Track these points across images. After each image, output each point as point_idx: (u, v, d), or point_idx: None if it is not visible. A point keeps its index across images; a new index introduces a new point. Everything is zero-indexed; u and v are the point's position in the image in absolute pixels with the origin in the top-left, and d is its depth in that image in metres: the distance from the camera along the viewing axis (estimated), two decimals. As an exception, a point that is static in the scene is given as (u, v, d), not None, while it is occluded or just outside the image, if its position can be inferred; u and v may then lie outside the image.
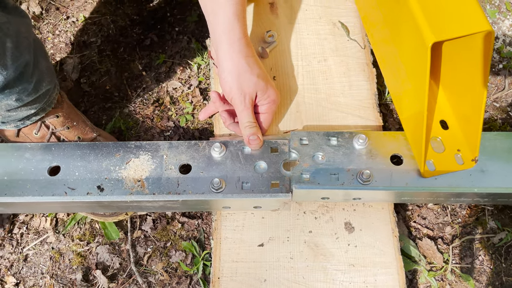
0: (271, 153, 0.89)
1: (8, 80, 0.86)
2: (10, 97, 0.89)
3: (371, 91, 1.04)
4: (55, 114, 1.01)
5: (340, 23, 1.11)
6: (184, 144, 0.91)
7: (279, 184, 0.85)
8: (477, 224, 1.01)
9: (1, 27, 0.83)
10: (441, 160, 0.83)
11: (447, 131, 0.87)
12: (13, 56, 0.85)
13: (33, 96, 0.93)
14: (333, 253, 0.91)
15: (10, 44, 0.85)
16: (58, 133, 1.02)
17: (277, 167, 0.87)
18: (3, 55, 0.84)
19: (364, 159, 0.87)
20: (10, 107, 0.92)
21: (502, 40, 1.19)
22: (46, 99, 0.98)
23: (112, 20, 1.28)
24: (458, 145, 0.84)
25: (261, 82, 0.89)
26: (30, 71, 0.90)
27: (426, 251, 0.99)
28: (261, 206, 0.90)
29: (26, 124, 0.99)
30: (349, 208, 0.94)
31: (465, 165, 0.83)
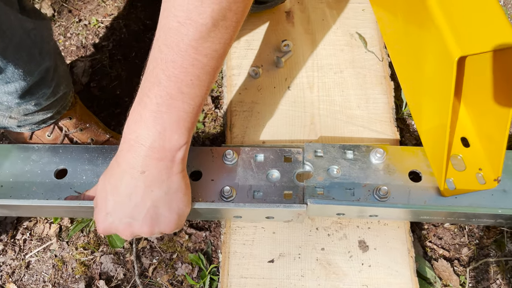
0: (284, 162, 0.86)
1: (30, 86, 0.84)
2: (30, 102, 0.88)
3: (388, 105, 1.01)
4: (68, 116, 1.00)
5: (358, 34, 1.09)
6: (195, 150, 0.88)
7: (292, 195, 0.82)
8: (496, 247, 0.97)
9: (29, 34, 0.81)
10: (462, 179, 0.80)
11: (468, 149, 0.83)
12: (37, 63, 0.84)
13: (51, 100, 0.91)
14: (346, 272, 0.87)
15: (36, 51, 0.83)
16: (71, 135, 1.00)
17: (291, 176, 0.84)
18: (29, 63, 0.82)
19: (381, 174, 0.83)
20: (28, 112, 0.90)
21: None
22: (62, 102, 0.97)
23: (124, 24, 1.27)
24: (480, 164, 0.81)
25: None
26: (50, 76, 0.88)
27: (442, 272, 0.95)
28: (273, 216, 0.87)
29: (41, 127, 0.97)
30: (364, 226, 0.91)
31: (487, 185, 0.79)
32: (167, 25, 0.61)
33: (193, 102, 0.66)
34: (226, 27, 0.62)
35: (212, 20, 0.60)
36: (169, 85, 0.63)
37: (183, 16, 0.59)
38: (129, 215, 0.70)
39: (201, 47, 0.62)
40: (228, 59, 1.08)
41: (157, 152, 0.67)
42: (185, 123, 0.67)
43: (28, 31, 0.81)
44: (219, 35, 0.62)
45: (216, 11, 0.59)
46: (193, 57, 0.62)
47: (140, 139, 0.66)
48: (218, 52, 0.64)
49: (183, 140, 0.68)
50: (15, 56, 0.78)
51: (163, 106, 0.64)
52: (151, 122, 0.65)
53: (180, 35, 0.60)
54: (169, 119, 0.65)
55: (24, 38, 0.80)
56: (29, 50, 0.81)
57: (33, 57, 0.83)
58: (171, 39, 0.61)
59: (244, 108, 1.03)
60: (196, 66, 0.63)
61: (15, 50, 0.78)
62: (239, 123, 1.01)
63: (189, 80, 0.64)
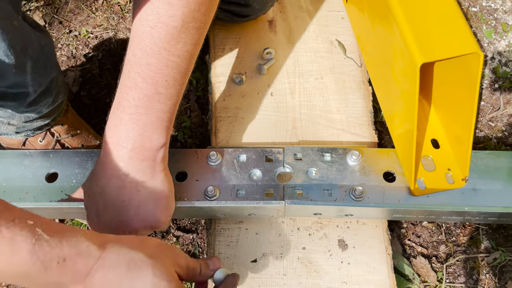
0: (266, 162, 0.90)
1: (36, 96, 0.88)
2: (33, 110, 0.92)
3: (366, 109, 1.05)
4: (60, 123, 1.03)
5: (337, 41, 1.13)
6: (180, 152, 0.92)
7: (273, 193, 0.86)
8: (472, 243, 1.01)
9: (43, 49, 0.85)
10: (432, 179, 0.84)
11: (438, 150, 0.87)
12: (48, 75, 0.88)
13: (50, 108, 0.96)
14: (326, 270, 0.91)
15: (48, 64, 0.88)
16: (62, 141, 1.04)
17: (272, 175, 0.88)
18: (42, 75, 0.86)
19: (357, 175, 0.87)
20: (29, 119, 0.94)
21: (498, 60, 1.20)
22: (60, 109, 1.01)
23: (113, 34, 1.31)
24: (449, 164, 0.85)
25: None
26: (54, 85, 0.93)
27: (420, 269, 0.98)
28: (255, 213, 0.90)
29: (36, 134, 1.01)
30: (343, 225, 0.95)
31: (455, 184, 0.83)
32: (140, 30, 0.65)
33: (170, 102, 0.69)
34: (196, 28, 0.66)
35: (182, 23, 0.64)
36: (146, 87, 0.66)
37: (154, 20, 0.63)
38: (119, 215, 0.73)
39: (173, 48, 0.65)
40: (213, 66, 1.12)
41: (139, 153, 0.69)
42: (163, 122, 0.70)
43: (42, 46, 0.85)
44: (190, 36, 0.66)
45: (186, 13, 0.63)
46: (166, 58, 0.65)
47: (121, 141, 0.69)
48: (190, 52, 0.68)
49: (163, 139, 0.71)
50: (33, 70, 0.82)
51: (141, 108, 0.67)
52: (131, 124, 0.68)
53: (152, 38, 0.64)
54: (148, 120, 0.68)
55: (40, 54, 0.84)
56: (43, 64, 0.86)
57: (46, 70, 0.87)
58: (144, 43, 0.65)
59: (229, 114, 1.07)
60: (170, 67, 0.66)
61: (33, 65, 0.82)
62: (223, 128, 1.05)
63: (165, 81, 0.67)
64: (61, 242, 0.50)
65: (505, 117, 1.14)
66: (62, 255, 0.50)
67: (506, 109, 1.14)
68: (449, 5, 0.73)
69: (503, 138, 1.11)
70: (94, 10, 1.35)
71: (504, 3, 1.27)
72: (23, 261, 0.47)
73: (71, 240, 0.51)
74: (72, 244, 0.51)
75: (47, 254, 0.48)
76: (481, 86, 1.18)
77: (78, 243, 0.52)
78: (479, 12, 1.27)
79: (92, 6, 1.35)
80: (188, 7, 0.63)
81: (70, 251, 0.50)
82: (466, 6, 1.28)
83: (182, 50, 0.66)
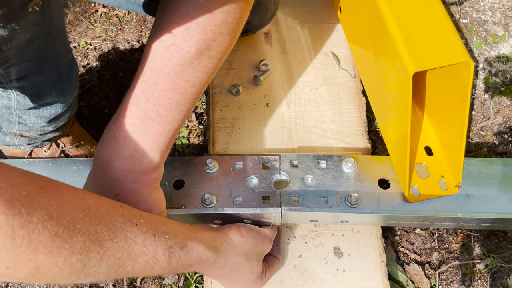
0: (262, 169, 0.91)
1: (61, 112, 0.90)
2: (52, 125, 0.93)
3: (360, 119, 1.07)
4: (65, 133, 1.05)
5: (332, 53, 1.16)
6: (178, 160, 0.93)
7: (269, 200, 0.87)
8: (464, 250, 1.03)
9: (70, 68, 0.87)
10: (426, 186, 0.86)
11: (431, 157, 0.90)
12: (73, 92, 0.91)
13: (64, 121, 0.97)
14: (322, 277, 0.93)
15: (73, 80, 0.90)
16: (67, 151, 1.05)
17: (268, 182, 0.90)
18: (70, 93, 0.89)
19: (353, 182, 0.89)
20: (44, 132, 0.95)
21: (488, 70, 1.24)
22: (70, 122, 1.02)
23: (112, 46, 1.33)
24: (442, 171, 0.87)
25: None
26: (75, 102, 0.95)
27: (414, 276, 1.00)
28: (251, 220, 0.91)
29: (44, 145, 1.02)
30: (338, 233, 0.96)
31: (449, 190, 0.85)
32: (153, 49, 0.64)
33: (169, 125, 0.67)
34: (210, 57, 0.65)
35: (196, 49, 0.63)
36: (148, 107, 0.65)
37: (169, 42, 0.63)
38: None
39: (183, 73, 0.64)
40: (210, 78, 1.14)
41: (128, 175, 0.67)
42: (158, 145, 0.67)
43: (74, 68, 0.88)
44: (202, 64, 0.65)
45: (201, 40, 0.62)
46: (174, 81, 0.64)
47: (111, 161, 0.66)
48: (200, 80, 0.66)
49: (155, 163, 0.68)
50: (62, 86, 0.85)
51: (138, 127, 0.65)
52: (124, 143, 0.65)
53: (164, 59, 0.63)
54: (142, 141, 0.66)
55: (70, 71, 0.86)
56: (71, 80, 0.88)
57: (73, 87, 0.89)
58: (155, 63, 0.64)
59: (226, 124, 1.09)
60: (176, 91, 0.65)
61: (68, 87, 0.85)
62: (221, 138, 1.07)
63: (168, 104, 0.65)
64: (188, 253, 0.64)
65: (495, 126, 1.16)
66: (189, 263, 0.65)
67: (496, 118, 1.17)
68: (439, 15, 0.76)
69: (494, 147, 1.14)
70: (93, 22, 1.37)
71: (494, 15, 1.31)
72: (161, 271, 0.60)
73: (196, 250, 0.66)
74: (196, 255, 0.65)
75: (178, 263, 0.62)
76: (472, 96, 1.21)
77: (201, 254, 0.66)
78: (470, 24, 1.30)
79: (91, 18, 1.38)
80: (205, 35, 0.62)
81: (195, 260, 0.65)
82: (457, 17, 1.31)
83: (192, 76, 0.65)
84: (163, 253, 0.59)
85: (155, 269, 0.58)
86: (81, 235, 0.48)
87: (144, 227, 0.57)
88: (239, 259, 0.74)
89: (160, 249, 0.58)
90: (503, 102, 1.19)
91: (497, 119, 1.17)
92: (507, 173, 0.88)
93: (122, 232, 0.54)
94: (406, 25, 0.76)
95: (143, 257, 0.56)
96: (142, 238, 0.56)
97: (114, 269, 0.53)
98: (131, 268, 0.55)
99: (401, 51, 0.73)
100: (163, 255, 0.59)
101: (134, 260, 0.55)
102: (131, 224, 0.55)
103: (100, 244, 0.50)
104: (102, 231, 0.51)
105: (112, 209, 0.55)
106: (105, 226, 0.52)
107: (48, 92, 0.83)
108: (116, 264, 0.53)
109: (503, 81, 1.22)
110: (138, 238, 0.55)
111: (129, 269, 0.55)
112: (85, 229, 0.49)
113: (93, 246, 0.50)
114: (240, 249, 0.75)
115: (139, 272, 0.57)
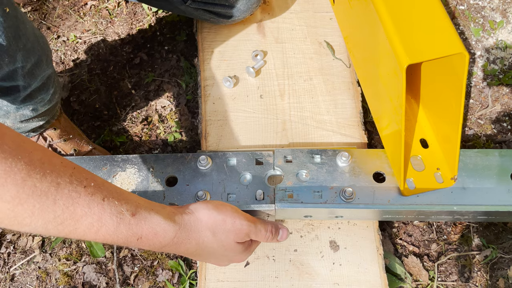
0: (256, 165, 0.90)
1: (32, 90, 0.88)
2: (28, 107, 0.91)
3: (356, 110, 1.05)
4: (53, 127, 1.03)
5: (326, 42, 1.13)
6: (170, 157, 0.92)
7: (263, 196, 0.86)
8: (463, 241, 1.01)
9: (38, 41, 0.85)
10: (421, 179, 0.84)
11: (427, 150, 0.88)
12: (42, 69, 0.88)
13: (46, 107, 0.96)
14: (318, 271, 0.91)
15: (44, 58, 0.87)
16: (54, 145, 1.03)
17: (262, 178, 0.88)
18: (35, 68, 0.86)
19: (347, 176, 0.87)
20: (25, 118, 0.94)
21: (486, 58, 1.21)
22: (55, 111, 1.01)
23: (102, 39, 1.30)
24: (438, 164, 0.85)
25: None
26: (51, 83, 0.93)
27: (412, 268, 0.99)
28: None
29: (30, 137, 1.00)
30: (334, 227, 0.95)
31: (444, 183, 0.83)
32: None
33: None
34: None
35: None
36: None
37: None
38: None
39: None
40: (202, 70, 1.12)
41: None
42: None
43: (38, 37, 0.85)
44: None
45: None
46: None
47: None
48: None
49: None
50: (25, 60, 0.81)
51: None
52: None
53: None
54: None
55: (35, 45, 0.83)
56: (38, 56, 0.85)
57: (40, 64, 0.86)
58: None
59: (219, 117, 1.06)
60: None
61: (25, 55, 0.81)
62: (213, 131, 1.05)
63: None
64: (140, 222, 0.61)
65: (494, 115, 1.14)
66: (141, 233, 0.61)
67: (495, 107, 1.15)
68: (434, 6, 0.73)
69: (492, 136, 1.12)
70: (82, 15, 1.34)
71: (491, 1, 1.27)
72: (108, 236, 0.58)
73: (150, 221, 0.62)
74: (149, 226, 0.62)
75: (128, 232, 0.60)
76: (470, 84, 1.18)
77: (155, 225, 0.63)
78: (467, 10, 1.27)
79: (80, 11, 1.35)
80: None
81: (149, 231, 0.62)
82: (454, 4, 1.28)
83: None
84: (110, 217, 0.58)
85: (101, 232, 0.58)
86: (14, 185, 0.50)
87: (93, 189, 0.57)
88: (204, 233, 0.69)
89: (107, 213, 0.58)
90: (502, 90, 1.17)
91: (496, 107, 1.15)
92: (503, 164, 0.86)
93: (66, 191, 0.54)
94: (400, 16, 0.73)
95: (86, 218, 0.56)
96: (87, 200, 0.56)
97: (53, 225, 0.54)
98: (73, 227, 0.55)
99: (395, 43, 0.71)
100: (110, 219, 0.58)
101: (76, 220, 0.55)
102: (79, 185, 0.56)
103: (37, 198, 0.52)
104: (41, 186, 0.52)
105: (61, 168, 0.55)
106: (46, 182, 0.53)
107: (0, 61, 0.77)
108: (54, 220, 0.54)
109: (501, 68, 1.19)
110: (82, 199, 0.55)
111: (71, 228, 0.55)
112: (20, 181, 0.50)
113: (28, 199, 0.51)
114: (204, 223, 0.69)
115: (82, 234, 0.57)
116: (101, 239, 0.59)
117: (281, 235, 0.79)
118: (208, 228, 0.69)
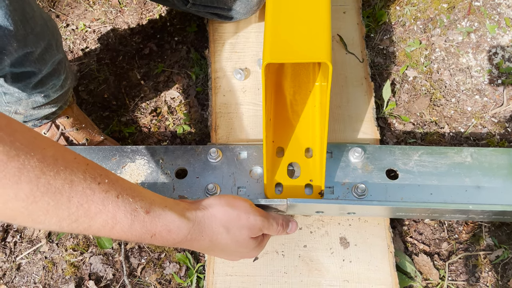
0: None
1: (43, 76, 0.87)
2: (40, 93, 0.90)
3: (368, 105, 1.04)
4: (65, 115, 1.02)
5: (339, 36, 1.11)
6: (180, 149, 0.91)
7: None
8: (474, 241, 1.00)
9: (47, 24, 0.82)
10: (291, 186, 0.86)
11: (309, 159, 0.89)
12: (53, 54, 0.86)
13: (58, 93, 0.94)
14: (328, 268, 0.90)
15: (54, 42, 0.85)
16: (67, 134, 1.02)
17: None
18: (46, 52, 0.84)
19: (360, 172, 0.86)
20: (37, 104, 0.93)
21: (501, 55, 1.19)
22: (67, 97, 1.00)
23: (111, 28, 1.29)
24: (312, 175, 0.87)
25: None
26: (62, 68, 0.91)
27: (422, 267, 0.98)
28: None
29: (42, 123, 1.00)
30: (345, 223, 0.93)
31: (312, 195, 0.85)
32: None
33: None
34: None
35: None
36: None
37: None
38: None
39: None
40: (212, 61, 1.10)
41: None
42: None
43: (46, 21, 0.82)
44: None
45: None
46: None
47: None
48: None
49: None
50: (35, 44, 0.80)
51: None
52: None
53: None
54: None
55: (44, 29, 0.81)
56: (48, 40, 0.83)
57: (50, 48, 0.84)
58: None
59: (229, 109, 1.05)
60: None
61: (35, 39, 0.79)
62: (223, 124, 1.03)
63: None
64: (154, 219, 0.60)
65: (508, 113, 1.12)
66: (155, 230, 0.61)
67: (509, 105, 1.13)
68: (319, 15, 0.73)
69: (506, 135, 1.10)
70: (92, 4, 1.33)
71: (507, -3, 1.25)
72: (122, 233, 0.58)
73: (164, 218, 0.61)
74: (163, 223, 0.61)
75: (142, 229, 0.59)
76: (484, 81, 1.16)
77: (169, 222, 0.62)
78: (482, 7, 1.25)
79: (89, 0, 1.33)
80: None
81: (163, 228, 0.61)
82: (469, 0, 1.26)
83: None
84: (124, 215, 0.57)
85: (115, 230, 0.57)
86: (28, 183, 0.49)
87: (107, 186, 0.56)
88: (218, 229, 0.68)
89: (121, 210, 0.57)
90: (517, 88, 1.15)
91: (510, 106, 1.13)
92: (520, 163, 0.85)
93: (80, 188, 0.53)
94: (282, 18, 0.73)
95: (101, 215, 0.55)
96: (101, 197, 0.55)
97: (67, 223, 0.53)
98: (87, 225, 0.55)
99: (266, 42, 0.71)
100: (125, 217, 0.57)
101: (91, 218, 0.54)
102: (93, 182, 0.55)
103: (52, 196, 0.51)
104: (55, 184, 0.51)
105: (74, 164, 0.54)
106: (60, 179, 0.52)
107: (7, 42, 0.75)
108: (69, 218, 0.53)
109: (516, 65, 1.17)
110: (97, 196, 0.54)
111: (86, 225, 0.55)
112: (34, 178, 0.49)
113: (42, 197, 0.50)
114: (218, 220, 0.69)
115: (97, 231, 0.56)
116: (115, 236, 0.58)
117: (291, 228, 0.79)
118: (222, 224, 0.68)
